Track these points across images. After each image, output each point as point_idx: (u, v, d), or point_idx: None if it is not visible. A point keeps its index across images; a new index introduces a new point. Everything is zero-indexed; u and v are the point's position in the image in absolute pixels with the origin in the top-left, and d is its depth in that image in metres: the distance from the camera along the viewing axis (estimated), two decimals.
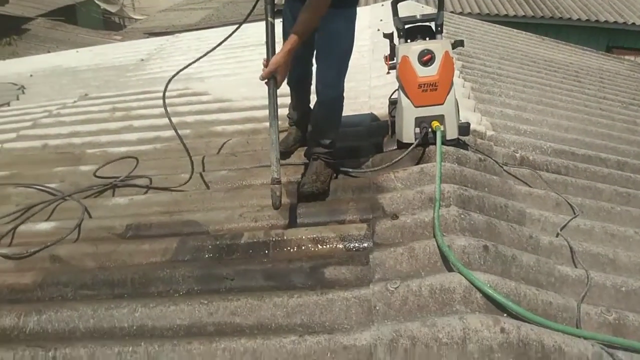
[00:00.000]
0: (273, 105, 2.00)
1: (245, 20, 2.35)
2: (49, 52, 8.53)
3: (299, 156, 2.54)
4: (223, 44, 2.48)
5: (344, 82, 2.26)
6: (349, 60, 2.26)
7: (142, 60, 5.31)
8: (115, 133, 3.19)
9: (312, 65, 2.38)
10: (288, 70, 2.04)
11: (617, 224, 2.14)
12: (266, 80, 2.03)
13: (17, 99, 4.60)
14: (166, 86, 2.46)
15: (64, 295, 1.75)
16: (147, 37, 7.25)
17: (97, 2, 15.26)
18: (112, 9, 15.43)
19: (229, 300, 1.57)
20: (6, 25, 10.69)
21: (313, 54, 2.28)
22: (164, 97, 2.42)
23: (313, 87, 2.40)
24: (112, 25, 15.54)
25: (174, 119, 3.25)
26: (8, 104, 4.41)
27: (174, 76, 2.50)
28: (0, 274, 1.89)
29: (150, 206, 2.26)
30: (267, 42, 2.04)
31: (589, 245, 1.89)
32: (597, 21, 10.62)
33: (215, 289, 1.68)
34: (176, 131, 2.46)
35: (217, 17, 11.15)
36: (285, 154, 2.52)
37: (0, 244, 2.08)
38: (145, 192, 2.39)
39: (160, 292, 1.70)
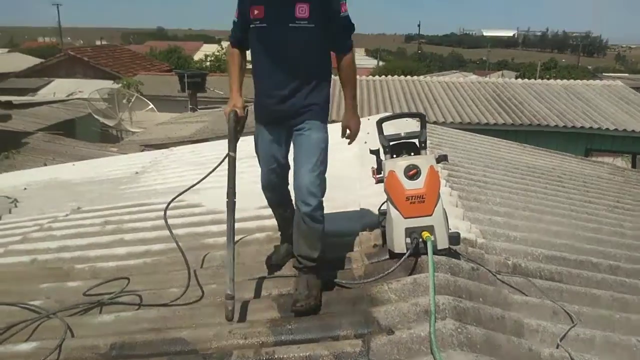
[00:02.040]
0: (231, 225, 2.19)
1: (220, 163, 2.51)
2: (45, 164, 8.71)
3: (289, 267, 2.51)
4: (217, 156, 2.71)
5: (323, 191, 2.32)
6: (325, 170, 2.35)
7: (137, 173, 5.43)
8: (106, 247, 3.17)
9: (288, 187, 2.51)
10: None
11: (618, 332, 2.08)
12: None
13: (10, 212, 4.62)
14: (166, 209, 2.61)
15: None
16: (143, 150, 7.48)
17: (95, 116, 15.92)
18: (110, 122, 16.07)
19: None
20: (7, 140, 11.03)
21: (288, 179, 2.48)
22: (165, 219, 2.57)
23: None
24: (109, 138, 16.10)
25: (166, 232, 3.27)
26: (0, 218, 4.41)
27: (173, 199, 2.69)
28: None
29: (137, 323, 2.19)
30: (228, 173, 2.26)
31: (591, 357, 1.83)
32: (573, 127, 11.19)
33: None
34: (180, 248, 2.52)
35: (211, 130, 11.63)
36: (276, 266, 2.53)
37: None
38: (137, 309, 2.31)
39: None
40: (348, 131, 2.48)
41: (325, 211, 2.34)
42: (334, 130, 2.51)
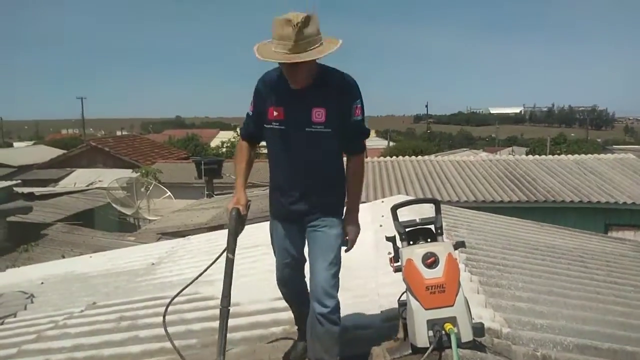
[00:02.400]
0: (223, 335, 2.12)
1: (214, 262, 2.49)
2: (63, 256, 8.78)
3: None
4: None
5: (338, 289, 2.29)
6: (340, 267, 2.33)
7: (153, 264, 5.43)
8: (119, 345, 3.10)
9: (305, 281, 2.48)
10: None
11: None
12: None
13: (25, 308, 4.58)
14: (165, 310, 2.64)
15: None
16: (160, 238, 7.53)
17: (114, 205, 16.22)
18: (128, 211, 16.34)
19: None
20: (26, 232, 11.22)
21: (304, 272, 2.46)
22: (164, 321, 2.58)
23: None
24: (127, 227, 16.28)
25: (182, 327, 3.22)
26: (15, 315, 4.38)
27: (172, 299, 2.72)
28: None
29: None
30: (225, 276, 2.18)
31: None
32: (589, 202, 11.09)
33: None
34: (176, 349, 2.54)
35: (224, 219, 11.75)
36: None
37: None
38: None
39: None
40: (346, 237, 2.40)
41: (344, 301, 2.29)
42: None
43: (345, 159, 2.43)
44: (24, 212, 11.81)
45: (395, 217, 2.53)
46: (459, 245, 2.43)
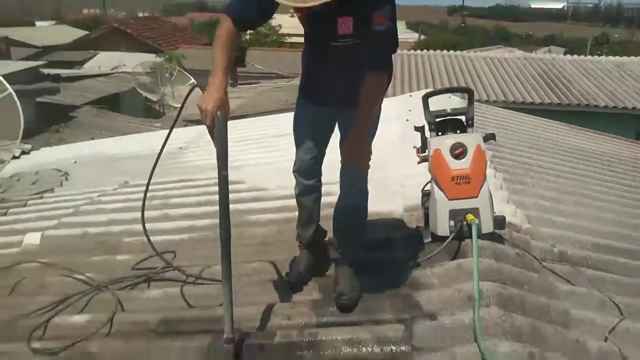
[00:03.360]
0: (227, 264, 1.80)
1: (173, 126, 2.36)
2: (92, 138, 8.99)
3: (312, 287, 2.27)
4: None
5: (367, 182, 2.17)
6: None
7: (181, 148, 5.55)
8: (152, 221, 3.26)
9: (321, 170, 2.29)
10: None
11: None
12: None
13: (61, 185, 4.81)
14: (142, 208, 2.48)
15: None
16: (186, 125, 7.60)
17: (139, 90, 16.24)
18: (153, 97, 16.37)
19: None
20: (56, 114, 11.44)
21: (323, 158, 2.25)
22: (143, 222, 2.46)
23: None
24: (152, 113, 16.42)
25: (210, 208, 3.35)
26: (52, 190, 4.61)
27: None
28: None
29: (183, 300, 2.26)
30: (220, 198, 1.78)
31: None
32: (624, 108, 10.68)
33: None
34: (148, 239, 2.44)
35: (251, 106, 11.68)
36: (297, 284, 2.24)
37: (34, 337, 2.08)
38: (183, 285, 2.38)
39: None
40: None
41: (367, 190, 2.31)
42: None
43: None
44: (51, 93, 11.95)
45: (426, 106, 2.48)
46: (489, 137, 2.39)
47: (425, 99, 2.49)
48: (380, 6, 1.79)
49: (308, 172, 2.26)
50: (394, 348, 1.76)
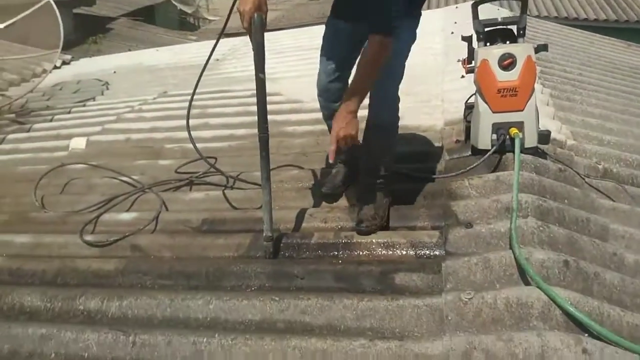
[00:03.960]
0: (266, 165, 1.81)
1: (219, 38, 2.33)
2: (129, 50, 9.00)
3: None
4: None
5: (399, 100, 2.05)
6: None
7: (217, 60, 5.50)
8: (192, 129, 3.28)
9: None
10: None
11: None
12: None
13: (102, 94, 4.90)
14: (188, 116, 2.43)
15: (143, 284, 1.84)
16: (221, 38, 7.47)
17: (174, 2, 15.93)
18: (187, 9, 16.05)
19: (299, 299, 1.60)
20: (93, 25, 11.43)
21: (344, 82, 2.07)
22: (187, 125, 2.43)
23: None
24: (187, 26, 16.18)
25: (248, 118, 3.37)
26: (94, 99, 4.71)
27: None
28: (85, 259, 2.02)
29: (224, 202, 2.34)
30: (258, 102, 1.77)
31: None
32: None
33: (285, 287, 1.71)
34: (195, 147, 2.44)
35: (287, 19, 11.35)
36: (332, 196, 2.23)
37: (85, 231, 2.22)
38: (224, 189, 2.46)
39: (233, 286, 1.75)
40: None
41: (406, 105, 2.24)
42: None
43: None
44: (87, 5, 11.86)
45: (475, 14, 2.34)
46: (541, 48, 2.26)
47: (475, 6, 2.35)
48: None
49: (328, 94, 2.13)
50: (427, 252, 1.80)
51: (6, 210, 2.58)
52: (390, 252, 1.83)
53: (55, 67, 6.35)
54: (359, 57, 1.82)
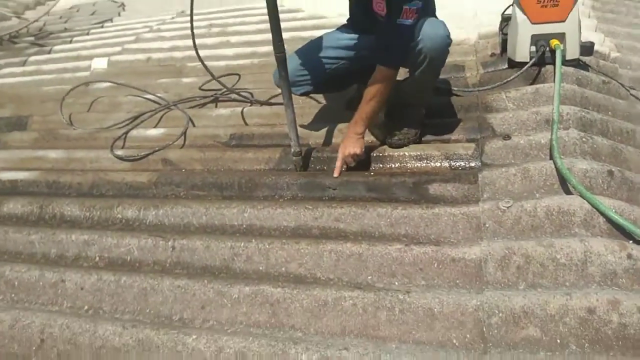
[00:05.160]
0: (286, 84, 1.76)
1: None
2: None
3: None
4: None
5: None
6: None
7: None
8: (214, 48, 3.23)
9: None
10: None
11: None
12: None
13: (119, 15, 4.77)
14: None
15: (177, 194, 1.85)
16: None
17: None
18: None
19: (332, 207, 1.59)
20: None
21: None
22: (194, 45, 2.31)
23: None
24: None
25: (270, 36, 3.24)
26: (111, 20, 4.59)
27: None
28: (118, 172, 2.03)
29: (251, 118, 2.30)
30: (270, 20, 1.69)
31: None
32: None
33: (318, 197, 1.71)
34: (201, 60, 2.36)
35: None
36: None
37: (115, 146, 2.22)
38: (250, 105, 2.41)
39: (266, 196, 1.75)
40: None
41: (439, 18, 2.12)
42: None
43: None
44: None
45: None
46: None
47: None
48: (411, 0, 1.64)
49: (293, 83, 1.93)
50: (463, 163, 1.75)
51: (36, 128, 2.59)
52: (424, 164, 1.79)
53: None
54: (368, 84, 1.79)
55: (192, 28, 2.28)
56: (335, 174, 1.77)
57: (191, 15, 2.19)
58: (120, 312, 1.38)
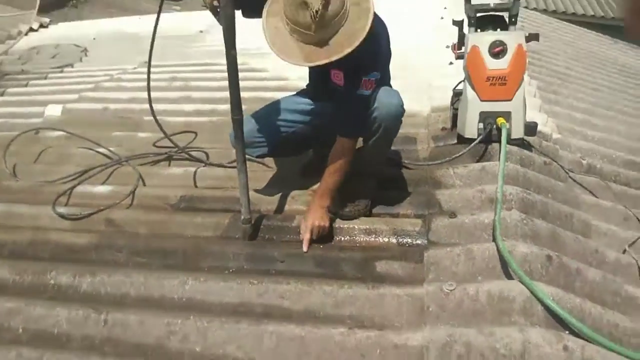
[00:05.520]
0: (241, 148, 1.76)
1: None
2: (111, 17, 8.71)
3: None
4: None
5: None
6: None
7: (202, 31, 5.35)
8: (173, 102, 3.23)
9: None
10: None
11: None
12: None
13: (81, 60, 4.73)
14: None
15: (117, 260, 1.78)
16: (206, 9, 7.27)
17: None
18: None
19: (278, 283, 1.56)
20: None
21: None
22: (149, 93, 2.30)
23: None
24: None
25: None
26: (72, 65, 4.54)
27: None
28: (57, 232, 1.95)
29: (204, 180, 2.27)
30: (230, 83, 1.68)
31: None
32: None
33: (265, 270, 1.67)
34: (152, 110, 2.32)
35: None
36: (315, 179, 2.05)
37: (58, 203, 2.13)
38: (204, 166, 2.39)
39: (211, 267, 1.71)
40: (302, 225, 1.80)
41: (394, 88, 2.20)
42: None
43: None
44: None
45: None
46: (532, 37, 2.23)
47: None
48: (369, 72, 1.72)
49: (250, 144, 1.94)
50: (410, 240, 1.77)
51: None
52: (373, 239, 1.80)
53: (33, 30, 6.12)
54: (330, 155, 1.83)
55: (148, 81, 2.25)
56: (305, 249, 1.73)
57: (148, 68, 2.20)
58: None
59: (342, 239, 1.82)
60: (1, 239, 1.92)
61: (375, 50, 1.74)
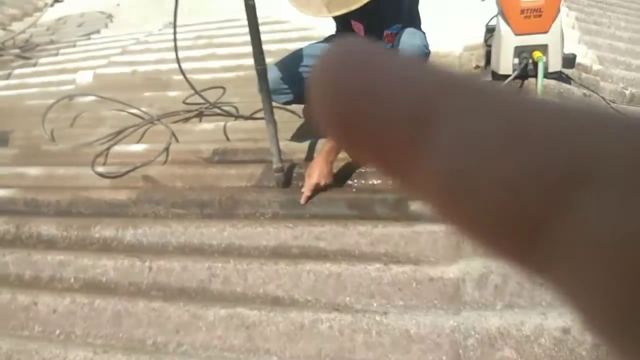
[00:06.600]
0: (267, 98, 1.74)
1: None
2: None
3: None
4: None
5: None
6: None
7: None
8: (200, 60, 3.22)
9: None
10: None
11: None
12: None
13: (106, 26, 4.76)
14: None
15: (157, 213, 1.83)
16: None
17: None
18: None
19: (313, 225, 1.58)
20: None
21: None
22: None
23: None
24: None
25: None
26: (98, 32, 4.58)
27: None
28: (98, 190, 2.01)
29: (235, 133, 2.29)
30: (250, 31, 1.66)
31: None
32: None
33: (299, 214, 1.69)
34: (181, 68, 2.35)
35: None
36: None
37: (96, 163, 2.20)
38: (235, 119, 2.40)
39: (247, 214, 1.74)
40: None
41: (424, 30, 2.13)
42: None
43: None
44: None
45: None
46: None
47: None
48: (390, 24, 1.73)
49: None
50: None
51: (17, 144, 2.57)
52: None
53: (58, 1, 6.16)
54: None
55: (175, 41, 2.25)
56: (302, 202, 1.72)
57: (174, 28, 2.19)
58: (92, 337, 1.35)
59: (375, 182, 1.81)
60: (45, 200, 2.00)
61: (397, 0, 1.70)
